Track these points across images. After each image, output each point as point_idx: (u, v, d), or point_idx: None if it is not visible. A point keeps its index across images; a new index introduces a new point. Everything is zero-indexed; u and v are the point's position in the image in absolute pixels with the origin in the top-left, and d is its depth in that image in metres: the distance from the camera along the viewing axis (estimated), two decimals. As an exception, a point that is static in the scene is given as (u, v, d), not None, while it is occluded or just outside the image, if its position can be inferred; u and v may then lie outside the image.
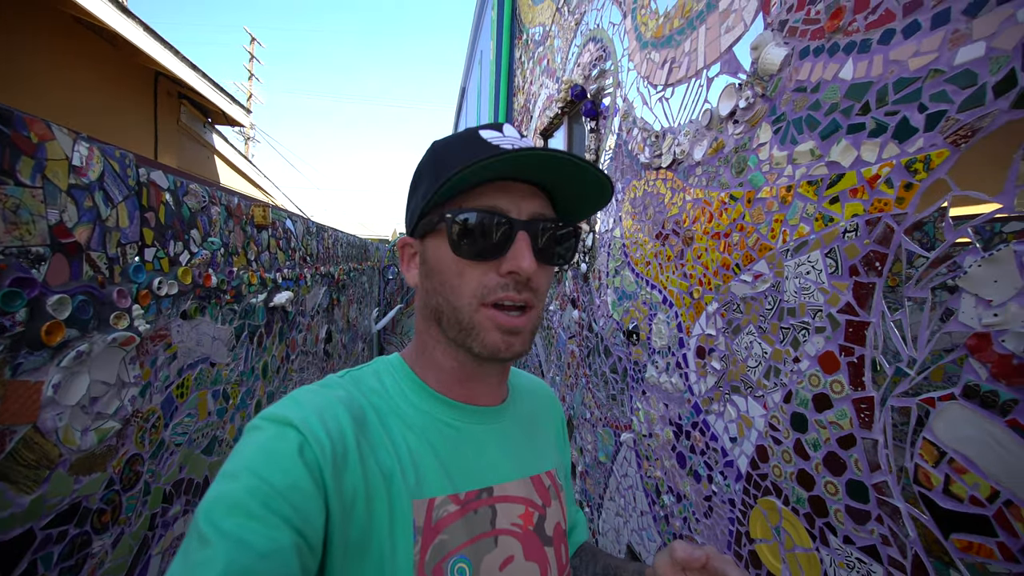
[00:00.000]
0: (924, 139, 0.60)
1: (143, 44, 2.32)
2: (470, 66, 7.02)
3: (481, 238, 0.44)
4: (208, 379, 1.18)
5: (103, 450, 0.83)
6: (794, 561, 0.80)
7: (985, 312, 0.53)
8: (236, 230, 1.32)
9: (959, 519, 0.56)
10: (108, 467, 0.84)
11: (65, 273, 0.70)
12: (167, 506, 1.02)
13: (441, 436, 0.47)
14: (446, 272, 0.46)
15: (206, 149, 3.85)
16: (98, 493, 0.82)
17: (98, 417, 0.80)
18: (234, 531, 0.33)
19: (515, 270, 0.44)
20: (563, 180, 0.46)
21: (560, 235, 0.48)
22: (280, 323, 1.72)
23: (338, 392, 0.46)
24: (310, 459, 0.38)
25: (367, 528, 0.41)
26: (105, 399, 0.82)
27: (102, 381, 0.81)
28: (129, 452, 0.89)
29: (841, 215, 0.72)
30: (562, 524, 0.54)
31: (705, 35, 1.11)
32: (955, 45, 0.57)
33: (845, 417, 0.70)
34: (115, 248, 0.83)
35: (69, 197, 0.70)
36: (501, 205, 0.45)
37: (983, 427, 0.53)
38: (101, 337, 0.79)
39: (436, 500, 0.44)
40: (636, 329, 1.47)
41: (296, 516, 0.36)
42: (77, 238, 0.72)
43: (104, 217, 0.80)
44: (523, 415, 0.58)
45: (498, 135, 0.47)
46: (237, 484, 0.36)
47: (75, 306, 0.73)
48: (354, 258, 3.62)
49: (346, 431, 0.42)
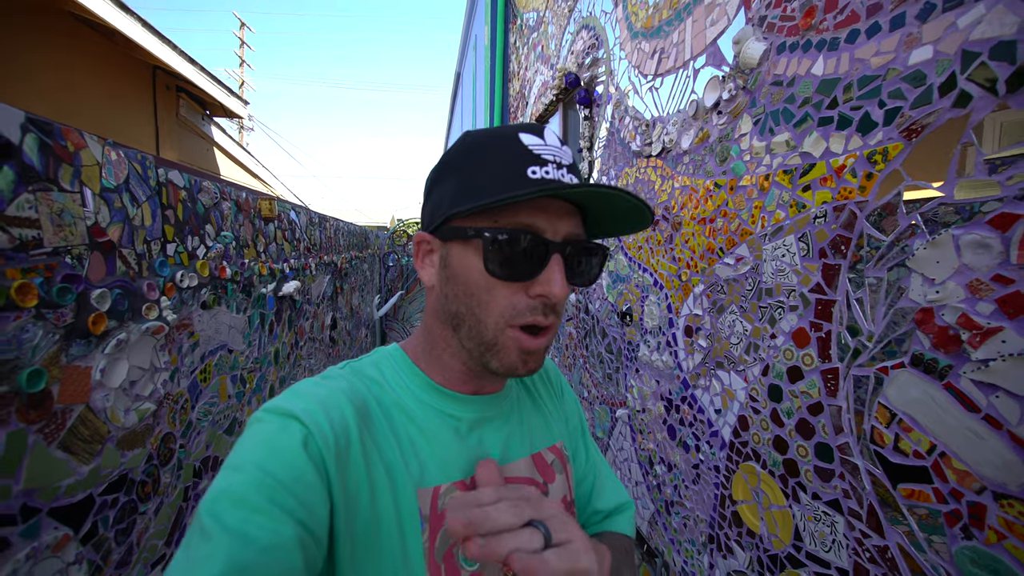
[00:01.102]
0: (883, 133, 0.66)
1: (140, 39, 2.33)
2: (465, 51, 6.94)
3: (517, 259, 0.42)
4: (227, 365, 1.27)
5: (142, 428, 0.92)
6: (770, 518, 0.89)
7: (929, 289, 0.60)
8: (246, 224, 1.38)
9: (905, 471, 0.64)
10: (147, 444, 0.93)
11: (102, 269, 0.77)
12: (197, 480, 1.13)
13: (442, 426, 0.48)
14: (474, 286, 0.44)
15: (205, 141, 3.87)
16: (140, 466, 0.91)
17: (137, 399, 0.89)
18: (237, 525, 0.33)
19: (546, 295, 0.43)
20: (604, 204, 0.45)
21: (592, 258, 0.47)
22: (289, 311, 1.80)
23: (340, 384, 0.45)
24: (314, 452, 0.38)
25: (374, 521, 0.40)
26: (141, 382, 0.91)
27: (139, 366, 0.89)
28: (163, 431, 0.99)
29: (812, 202, 0.78)
30: (568, 496, 0.55)
31: (692, 27, 1.15)
32: (909, 47, 0.62)
33: (815, 387, 0.78)
34: (142, 245, 0.90)
35: (102, 200, 0.76)
36: (539, 224, 0.43)
37: (925, 390, 0.61)
38: (136, 327, 0.87)
39: (441, 488, 0.44)
40: (630, 310, 1.54)
41: (301, 509, 0.36)
42: (111, 237, 0.79)
43: (131, 216, 0.86)
44: (522, 395, 0.59)
45: (539, 143, 0.44)
46: (241, 478, 0.36)
47: (113, 299, 0.81)
48: (355, 246, 3.68)
49: (349, 423, 0.42)
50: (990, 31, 0.54)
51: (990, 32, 0.54)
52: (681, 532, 1.21)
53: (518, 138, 0.44)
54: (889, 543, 0.66)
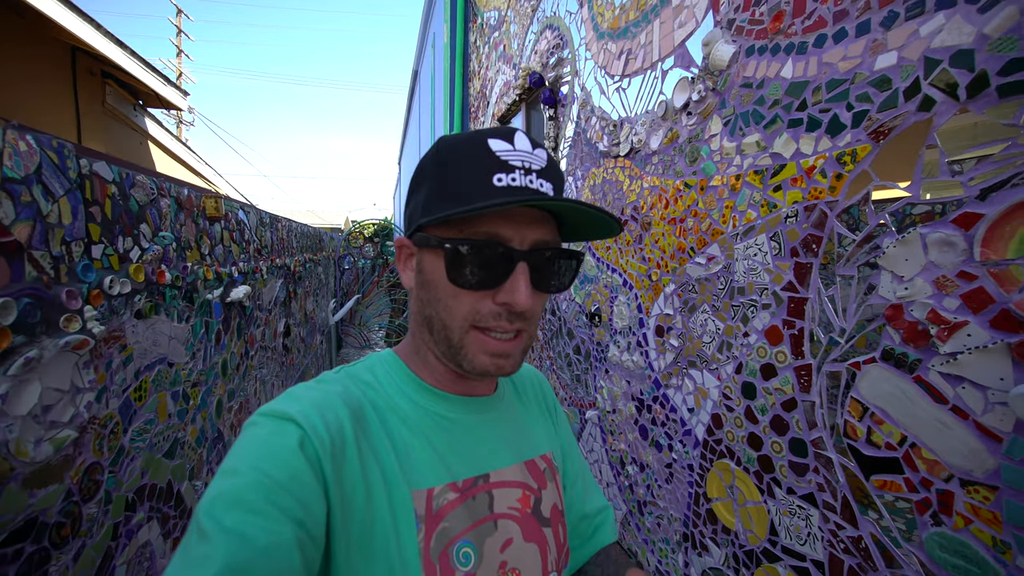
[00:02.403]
0: (851, 135, 0.68)
1: (55, 14, 2.06)
2: (423, 49, 6.81)
3: (479, 270, 0.42)
4: (167, 380, 1.12)
5: (59, 460, 0.78)
6: (745, 514, 0.90)
7: (898, 286, 0.62)
8: (188, 223, 1.24)
9: (877, 463, 0.66)
10: (66, 478, 0.80)
11: (6, 275, 0.64)
12: (130, 514, 0.97)
13: (436, 427, 0.48)
14: (440, 291, 0.45)
15: (137, 134, 3.52)
16: (56, 506, 0.78)
17: (52, 426, 0.76)
18: (235, 526, 0.33)
19: (510, 303, 0.42)
20: (571, 209, 0.44)
21: (562, 264, 0.46)
22: (238, 319, 1.65)
23: (335, 387, 0.46)
24: (310, 453, 0.38)
25: (369, 521, 0.41)
26: (59, 407, 0.77)
27: (55, 388, 0.75)
28: (87, 461, 0.84)
29: (783, 202, 0.80)
30: (559, 505, 0.55)
31: (659, 29, 1.16)
32: (875, 53, 0.65)
33: (788, 383, 0.79)
34: (59, 246, 0.77)
35: (4, 192, 0.64)
36: (504, 233, 0.43)
37: (896, 384, 0.63)
38: (52, 342, 0.73)
39: (435, 489, 0.44)
40: (598, 311, 1.54)
41: (298, 508, 0.36)
42: (16, 236, 0.66)
43: (45, 213, 0.74)
44: (515, 400, 0.59)
45: (508, 148, 0.44)
46: (238, 480, 0.36)
47: (20, 309, 0.68)
48: (309, 248, 3.49)
49: (344, 425, 0.42)
50: (950, 39, 0.57)
51: (950, 40, 0.57)
52: (655, 531, 1.22)
53: (487, 144, 0.44)
54: (863, 533, 0.68)
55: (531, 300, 0.43)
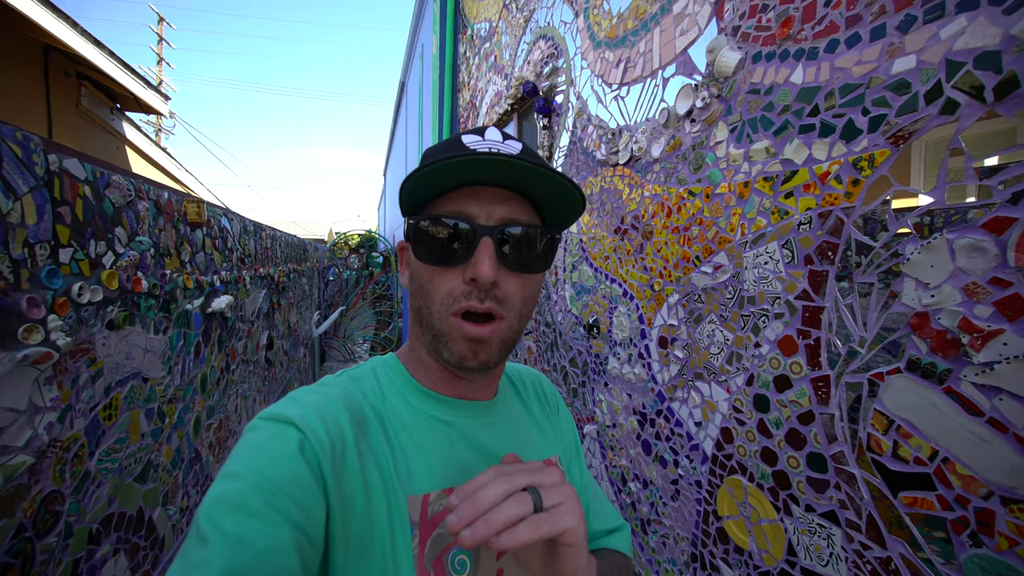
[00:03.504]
0: (868, 139, 0.67)
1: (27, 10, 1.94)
2: (410, 60, 6.83)
3: (441, 245, 0.44)
4: (140, 396, 1.02)
5: (10, 491, 0.68)
6: (760, 533, 0.86)
7: (924, 294, 0.60)
8: (167, 228, 1.16)
9: (905, 479, 0.63)
10: (17, 511, 0.70)
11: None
12: (93, 548, 0.86)
13: (434, 432, 0.48)
14: (420, 278, 0.47)
15: (115, 138, 3.39)
16: (3, 545, 0.68)
17: (4, 452, 0.66)
18: (233, 530, 0.33)
19: (475, 276, 0.43)
20: (536, 185, 0.45)
21: (532, 240, 0.46)
22: (219, 330, 1.55)
23: (336, 391, 0.46)
24: (310, 456, 0.39)
25: (368, 525, 0.41)
26: (13, 429, 0.67)
27: (9, 408, 0.66)
28: (45, 490, 0.74)
29: (796, 208, 0.78)
30: None
31: (660, 37, 1.16)
32: (891, 56, 0.64)
33: (804, 395, 0.77)
34: (21, 248, 0.68)
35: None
36: (469, 210, 0.44)
37: (924, 395, 0.60)
38: (8, 355, 0.64)
39: (431, 495, 0.44)
40: (596, 322, 1.51)
41: (298, 511, 0.36)
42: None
43: (5, 212, 0.65)
44: (516, 405, 0.58)
45: (477, 139, 0.46)
46: (238, 483, 0.36)
47: (-29, 319, 0.59)
48: (293, 259, 3.39)
49: (345, 429, 0.42)
50: (973, 41, 0.56)
51: (974, 43, 0.56)
52: (660, 552, 1.17)
53: (460, 139, 0.46)
54: (892, 554, 0.65)
55: (495, 274, 0.43)
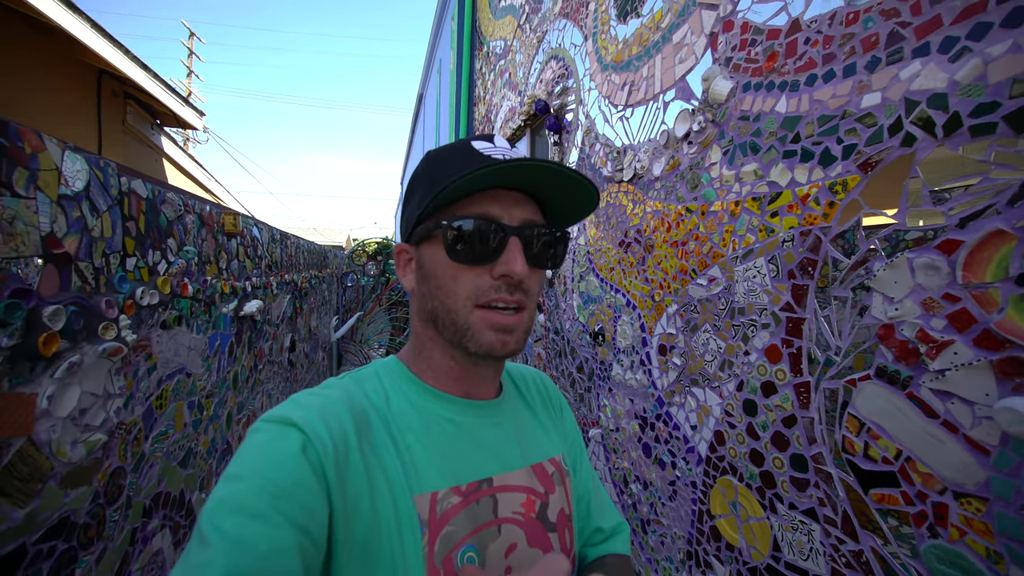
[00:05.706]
0: (842, 166, 0.74)
1: (87, 39, 2.16)
2: (428, 73, 7.03)
3: (477, 244, 0.46)
4: (184, 390, 1.15)
5: (90, 463, 0.81)
6: (748, 530, 0.92)
7: (889, 307, 0.66)
8: (208, 238, 1.30)
9: (875, 477, 0.68)
10: (94, 480, 0.82)
11: (56, 284, 0.68)
12: (146, 520, 1.00)
13: (440, 431, 0.48)
14: (441, 276, 0.48)
15: (154, 152, 3.62)
16: (84, 507, 0.80)
17: (87, 429, 0.79)
18: (235, 532, 0.33)
19: (508, 273, 0.45)
20: (550, 188, 0.49)
21: (550, 240, 0.50)
22: (249, 332, 1.68)
23: (338, 394, 0.46)
24: (313, 458, 0.39)
25: (374, 526, 0.41)
26: (93, 410, 0.80)
27: (91, 392, 0.79)
28: (113, 465, 0.87)
29: (780, 227, 0.85)
30: (566, 510, 0.55)
31: (661, 63, 1.24)
32: (861, 92, 0.71)
33: (788, 400, 0.83)
34: (100, 258, 0.82)
35: (59, 207, 0.69)
36: (493, 212, 0.47)
37: (890, 400, 0.66)
38: (92, 348, 0.78)
39: (439, 493, 0.45)
40: (602, 330, 1.58)
41: (301, 513, 0.36)
42: (67, 248, 0.71)
43: (91, 227, 0.79)
44: (519, 405, 0.59)
45: (489, 146, 0.49)
46: (241, 485, 0.36)
47: (68, 316, 0.72)
48: (314, 265, 3.55)
49: (348, 431, 0.42)
50: (926, 83, 0.63)
51: (926, 84, 0.63)
52: (659, 550, 1.22)
53: (470, 145, 0.49)
54: (863, 547, 0.70)
55: (527, 270, 0.46)
